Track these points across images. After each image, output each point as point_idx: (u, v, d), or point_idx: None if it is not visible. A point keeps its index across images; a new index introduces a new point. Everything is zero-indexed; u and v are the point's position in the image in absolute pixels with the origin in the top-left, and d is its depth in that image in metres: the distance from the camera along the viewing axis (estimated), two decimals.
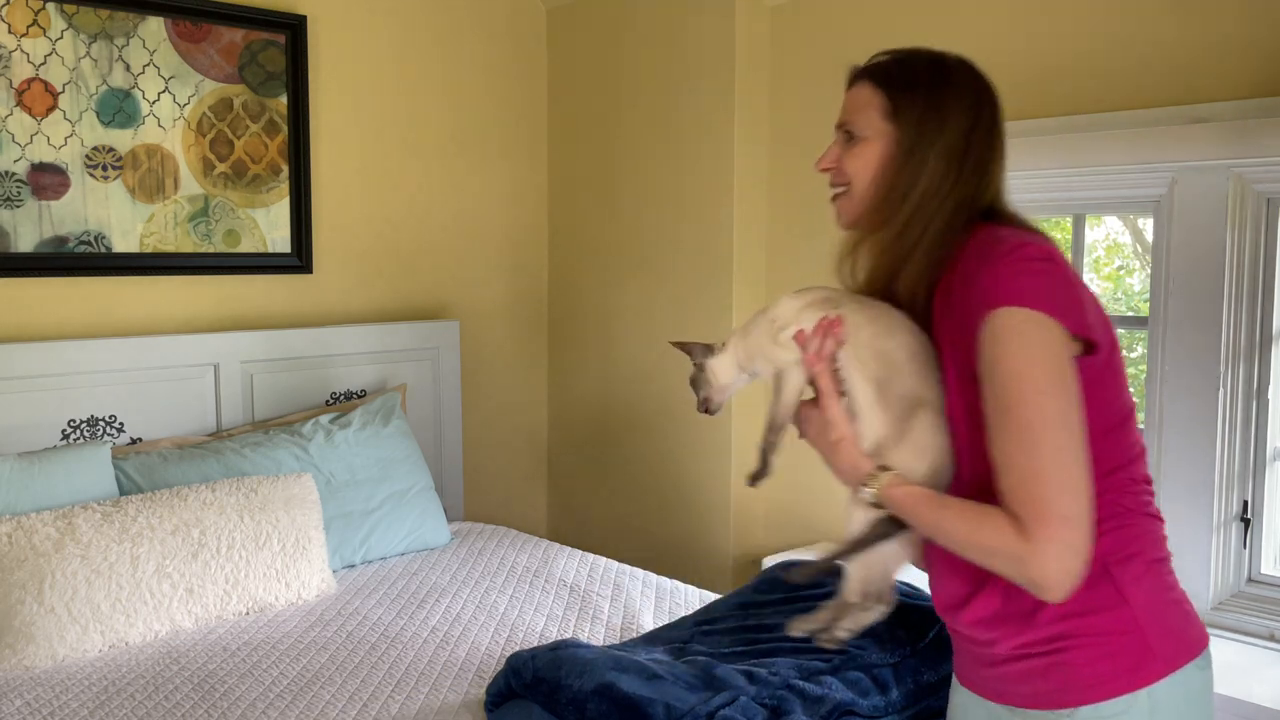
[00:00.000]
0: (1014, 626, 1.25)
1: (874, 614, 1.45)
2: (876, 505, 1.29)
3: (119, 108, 2.71)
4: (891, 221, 1.32)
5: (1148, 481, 1.30)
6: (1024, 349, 1.16)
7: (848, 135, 1.39)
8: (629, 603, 2.48)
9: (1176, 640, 1.25)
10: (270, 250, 3.00)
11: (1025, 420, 1.15)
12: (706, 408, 1.48)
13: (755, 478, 1.44)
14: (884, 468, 1.28)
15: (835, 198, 1.41)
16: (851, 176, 1.37)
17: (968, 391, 1.24)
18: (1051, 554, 1.12)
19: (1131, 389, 1.32)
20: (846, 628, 1.46)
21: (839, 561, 1.40)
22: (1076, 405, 1.16)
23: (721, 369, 1.46)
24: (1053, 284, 1.19)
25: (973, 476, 1.26)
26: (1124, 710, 1.21)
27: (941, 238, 1.29)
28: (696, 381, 1.48)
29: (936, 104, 1.33)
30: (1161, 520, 1.30)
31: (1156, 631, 1.23)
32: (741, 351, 1.45)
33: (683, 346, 1.50)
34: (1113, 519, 1.23)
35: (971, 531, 1.19)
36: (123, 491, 2.48)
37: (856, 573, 1.43)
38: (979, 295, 1.20)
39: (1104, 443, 1.22)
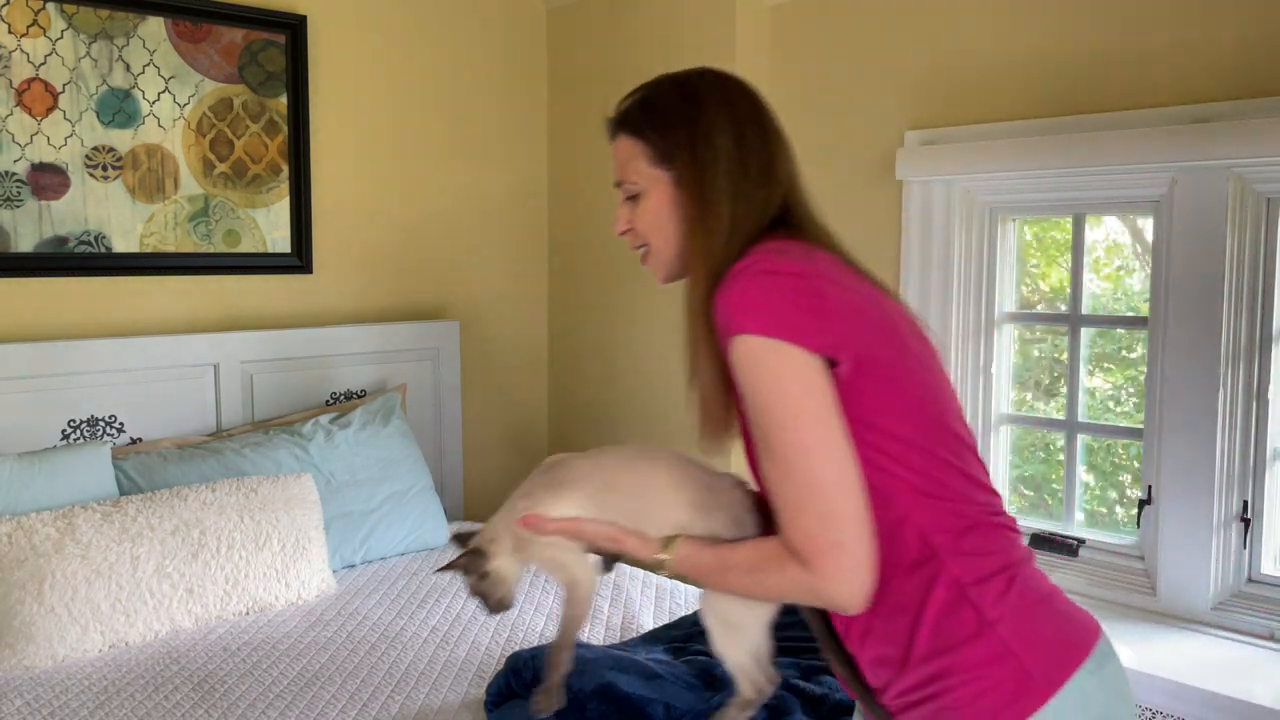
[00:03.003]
0: (894, 669, 1.18)
1: (766, 697, 1.36)
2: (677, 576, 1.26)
3: (119, 108, 2.71)
4: (702, 261, 1.23)
5: (984, 486, 1.22)
6: (767, 378, 1.12)
7: (628, 194, 1.32)
8: (629, 603, 2.48)
9: (1055, 651, 1.15)
10: (270, 250, 3.00)
11: (780, 453, 1.12)
12: (501, 607, 1.36)
13: (547, 696, 1.35)
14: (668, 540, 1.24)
15: (643, 259, 1.35)
16: (647, 235, 1.30)
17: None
18: (836, 579, 1.10)
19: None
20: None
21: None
22: (833, 426, 1.12)
23: (508, 568, 1.35)
24: (784, 304, 1.13)
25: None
26: None
27: (726, 256, 1.22)
28: (484, 589, 1.35)
29: (696, 128, 1.26)
30: (1009, 522, 1.23)
31: (1030, 650, 1.14)
32: (512, 544, 1.34)
33: (454, 566, 1.36)
34: (957, 538, 1.16)
35: (758, 583, 1.17)
36: (123, 491, 2.48)
37: (749, 669, 1.32)
38: (722, 321, 1.16)
39: (920, 454, 1.16)
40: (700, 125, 1.26)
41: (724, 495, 1.28)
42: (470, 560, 1.34)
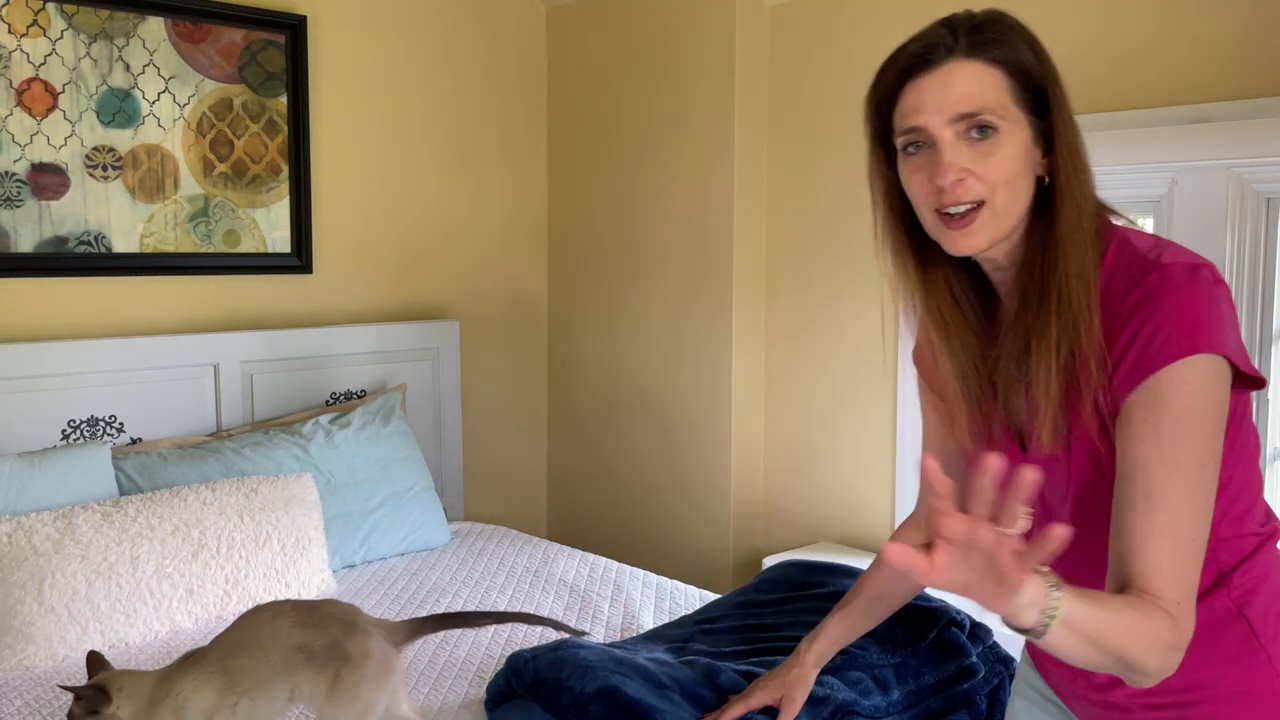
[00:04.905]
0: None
1: None
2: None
3: (119, 108, 2.71)
4: (1077, 226, 1.04)
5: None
6: (1202, 402, 0.96)
7: (979, 129, 1.03)
8: (629, 603, 2.48)
9: None
10: (270, 250, 3.00)
11: (1191, 485, 0.95)
12: None
13: None
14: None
15: (964, 220, 1.04)
16: (997, 186, 1.03)
17: (1093, 427, 1.03)
18: (1183, 637, 0.94)
19: None
20: None
21: None
22: (1219, 456, 0.99)
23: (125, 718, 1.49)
24: (1225, 317, 0.99)
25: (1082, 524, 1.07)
26: None
27: (1096, 238, 1.05)
28: None
29: (1058, 76, 1.07)
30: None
31: None
32: (144, 703, 1.50)
33: (78, 692, 1.49)
34: (1246, 555, 1.07)
35: (1141, 638, 0.92)
36: (123, 491, 2.48)
37: None
38: (1167, 333, 0.97)
39: (1245, 480, 1.07)
40: (1054, 72, 1.08)
41: (323, 609, 1.54)
42: (93, 694, 1.49)
